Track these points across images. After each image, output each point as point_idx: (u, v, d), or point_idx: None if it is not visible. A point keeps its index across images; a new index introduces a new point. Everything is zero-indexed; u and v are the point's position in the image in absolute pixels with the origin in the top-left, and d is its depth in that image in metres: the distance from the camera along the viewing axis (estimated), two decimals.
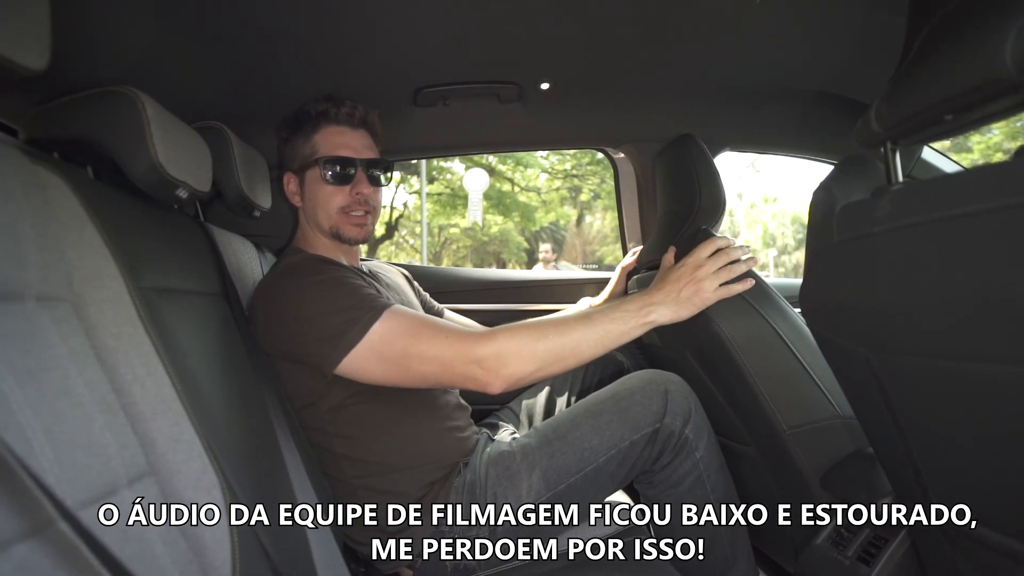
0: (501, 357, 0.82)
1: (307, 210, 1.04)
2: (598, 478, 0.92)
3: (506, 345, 0.82)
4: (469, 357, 0.82)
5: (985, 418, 0.55)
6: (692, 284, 0.88)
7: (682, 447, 0.93)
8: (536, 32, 1.03)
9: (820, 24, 1.01)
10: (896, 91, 0.58)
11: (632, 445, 0.91)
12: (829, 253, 0.66)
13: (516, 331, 0.84)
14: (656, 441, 0.93)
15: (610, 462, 0.91)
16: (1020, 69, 0.44)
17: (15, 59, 0.50)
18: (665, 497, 0.95)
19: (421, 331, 0.84)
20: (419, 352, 0.83)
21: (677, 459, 0.93)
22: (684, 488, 0.94)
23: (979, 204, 0.46)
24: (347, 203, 1.01)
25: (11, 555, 0.38)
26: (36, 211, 0.55)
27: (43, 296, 0.54)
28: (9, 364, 0.45)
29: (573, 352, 0.84)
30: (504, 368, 0.82)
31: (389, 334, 0.84)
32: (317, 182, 1.01)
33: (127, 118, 0.71)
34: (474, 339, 0.83)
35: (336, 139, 1.01)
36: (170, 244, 0.80)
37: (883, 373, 0.64)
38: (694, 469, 0.93)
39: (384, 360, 0.84)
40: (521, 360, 0.82)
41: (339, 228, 1.02)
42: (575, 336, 0.84)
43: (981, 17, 0.48)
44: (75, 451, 0.48)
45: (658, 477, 0.95)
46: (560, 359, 0.84)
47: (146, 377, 0.61)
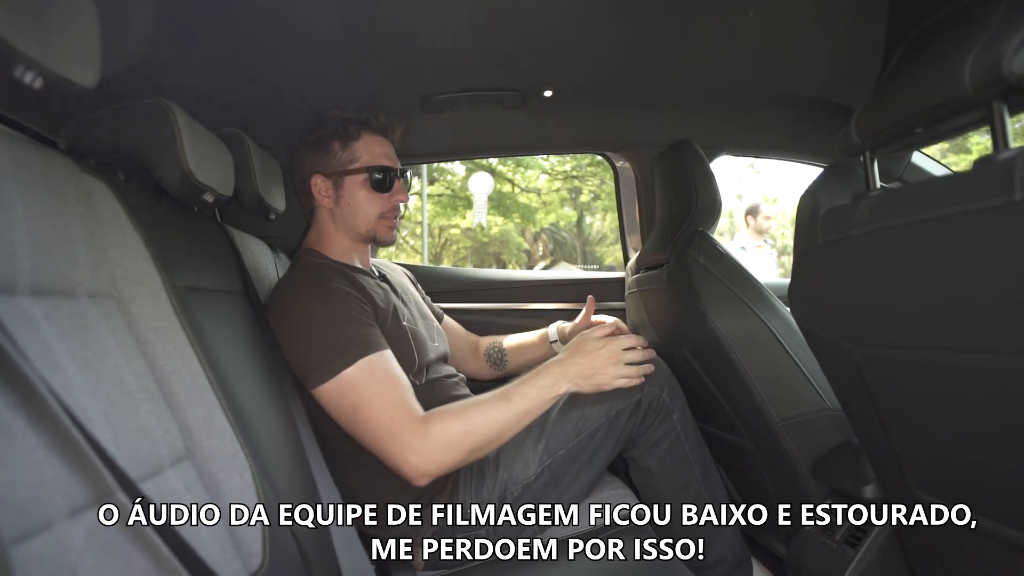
0: (430, 456, 0.88)
1: (342, 213, 1.09)
2: (590, 443, 1.02)
3: (437, 443, 0.89)
4: (402, 449, 0.88)
5: (956, 407, 0.60)
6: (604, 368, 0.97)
7: (660, 410, 1.05)
8: (539, 42, 1.08)
9: (809, 33, 1.06)
10: (873, 105, 0.63)
11: (619, 414, 1.02)
12: (814, 253, 0.71)
13: (448, 426, 0.90)
14: (640, 410, 1.03)
15: (601, 428, 1.02)
16: (977, 89, 0.49)
17: (71, 77, 0.55)
18: (648, 456, 1.06)
19: (376, 398, 0.90)
20: (366, 418, 0.90)
21: (656, 421, 1.05)
22: (665, 447, 1.05)
23: (945, 209, 0.51)
24: (385, 209, 1.09)
25: (84, 519, 0.43)
26: (85, 215, 0.60)
27: (93, 293, 0.59)
28: (71, 353, 0.50)
29: (496, 440, 0.93)
30: (430, 467, 0.89)
31: (354, 385, 0.90)
32: (359, 188, 1.08)
33: (160, 128, 0.76)
34: (412, 431, 0.88)
35: (377, 149, 1.09)
36: (197, 245, 0.85)
37: (865, 366, 0.70)
38: (672, 430, 1.05)
39: (341, 406, 0.91)
40: (448, 456, 0.89)
41: (376, 232, 1.10)
42: (499, 426, 0.92)
43: (946, 41, 0.54)
44: (127, 433, 0.53)
45: (642, 440, 1.06)
46: (483, 448, 0.92)
47: (182, 368, 0.66)
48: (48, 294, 0.51)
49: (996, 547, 0.63)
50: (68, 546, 0.41)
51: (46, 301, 0.51)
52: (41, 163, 0.55)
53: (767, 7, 0.96)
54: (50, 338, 0.49)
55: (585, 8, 0.96)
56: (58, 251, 0.54)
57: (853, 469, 0.93)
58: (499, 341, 1.37)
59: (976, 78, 0.49)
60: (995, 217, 0.46)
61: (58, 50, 0.53)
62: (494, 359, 1.36)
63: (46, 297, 0.51)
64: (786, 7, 0.98)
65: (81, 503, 0.44)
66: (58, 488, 0.42)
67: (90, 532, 0.43)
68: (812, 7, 0.98)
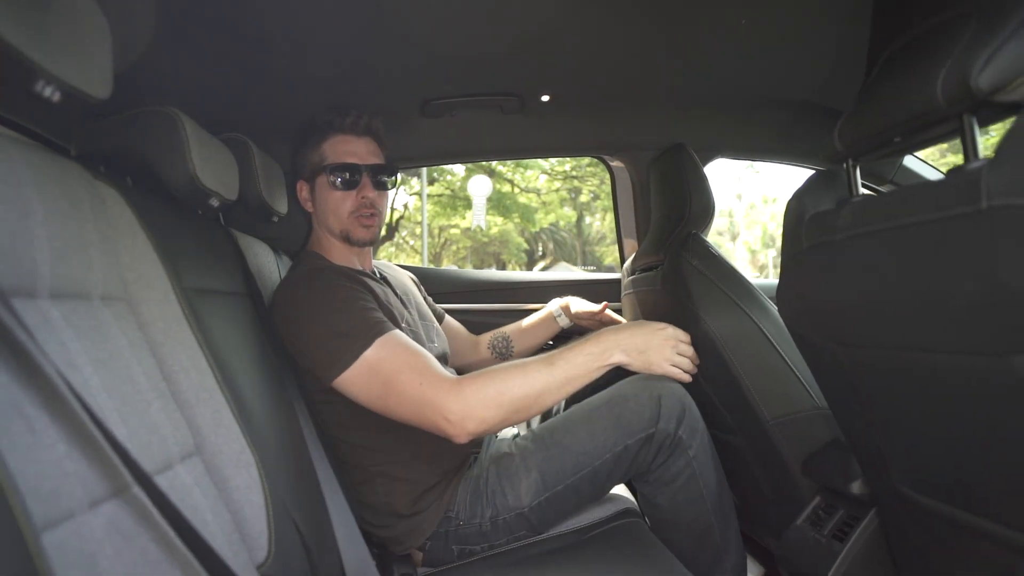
0: (467, 411, 0.86)
1: (319, 215, 1.12)
2: (595, 480, 0.98)
3: (473, 398, 0.87)
4: (438, 410, 0.87)
5: (932, 405, 0.62)
6: (660, 348, 0.96)
7: (675, 447, 0.98)
8: (537, 48, 1.11)
9: (800, 39, 1.09)
10: (855, 114, 0.65)
11: (626, 449, 0.97)
12: (800, 257, 0.74)
13: (483, 384, 0.88)
14: (651, 445, 0.97)
15: (605, 465, 0.97)
16: (949, 103, 0.52)
17: (86, 90, 0.57)
18: (659, 493, 1.01)
19: (403, 369, 0.89)
20: (398, 390, 0.89)
21: (671, 459, 0.98)
22: (678, 485, 0.99)
23: (919, 216, 0.54)
24: (355, 207, 1.08)
25: (102, 511, 0.46)
26: (98, 220, 0.63)
27: (105, 295, 0.61)
28: (87, 353, 0.53)
29: (537, 402, 0.89)
30: (469, 423, 0.86)
31: (378, 363, 0.89)
32: (326, 188, 1.09)
33: (169, 135, 0.79)
34: (445, 390, 0.87)
35: (342, 147, 1.09)
36: (203, 248, 0.87)
37: (849, 366, 0.72)
38: (687, 467, 0.99)
39: (369, 387, 0.90)
40: (487, 412, 0.87)
41: (349, 231, 1.09)
42: (538, 387, 0.89)
43: (922, 55, 0.56)
44: (140, 430, 0.56)
45: (653, 476, 1.00)
46: (524, 409, 0.89)
47: (191, 368, 0.68)
48: (65, 297, 0.54)
49: (973, 540, 0.66)
50: (89, 536, 0.44)
51: (64, 303, 0.53)
52: (57, 171, 0.58)
53: (760, 14, 0.99)
54: (68, 339, 0.51)
55: (582, 15, 0.99)
56: (74, 255, 0.56)
57: (841, 466, 0.96)
58: (502, 330, 1.40)
59: (948, 92, 0.52)
60: (963, 225, 0.49)
61: (75, 65, 0.56)
62: (499, 349, 1.38)
63: (64, 300, 0.54)
64: (779, 13, 1.00)
65: (100, 495, 0.46)
66: (79, 481, 0.45)
67: (109, 523, 0.46)
68: (805, 13, 1.00)
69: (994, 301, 0.48)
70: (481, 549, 1.00)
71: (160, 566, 0.50)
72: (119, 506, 0.48)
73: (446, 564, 1.00)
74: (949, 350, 0.55)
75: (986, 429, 0.56)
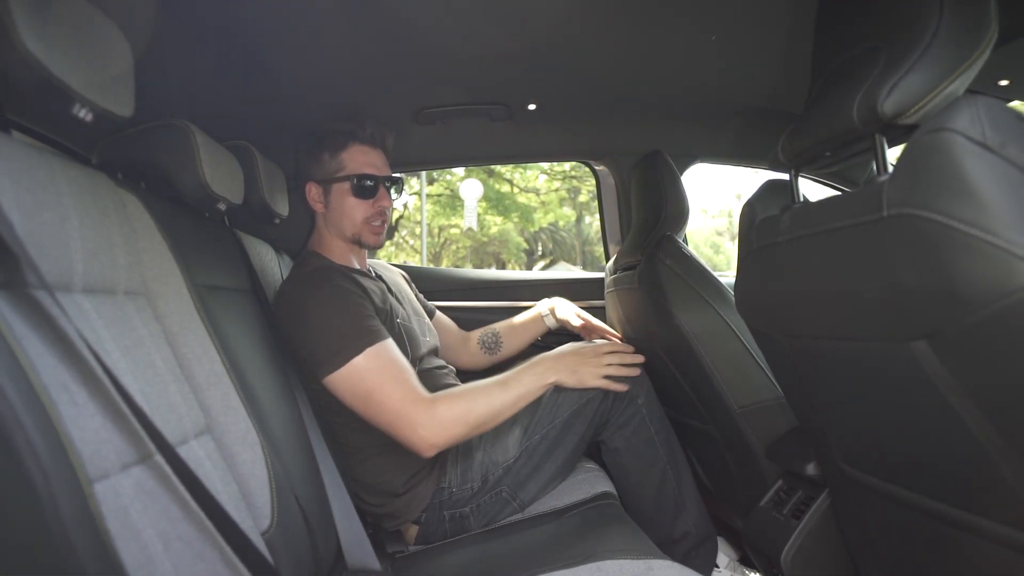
0: (438, 427, 0.97)
1: (331, 217, 1.19)
2: (565, 427, 1.13)
3: (445, 416, 0.98)
4: (412, 424, 0.97)
5: (860, 387, 0.70)
6: (585, 366, 1.11)
7: (626, 395, 1.16)
8: (524, 61, 1.19)
9: (763, 51, 1.17)
10: (795, 130, 0.73)
11: (589, 401, 1.13)
12: (751, 258, 0.82)
13: (453, 403, 1.00)
14: (608, 396, 1.14)
15: (573, 416, 1.13)
16: (863, 124, 0.60)
17: (111, 109, 0.65)
18: (617, 436, 1.17)
19: (387, 381, 0.99)
20: (378, 400, 0.98)
21: (626, 407, 1.16)
22: (631, 428, 1.16)
23: (838, 222, 0.62)
24: (370, 215, 1.18)
25: (131, 473, 0.54)
26: (122, 224, 0.71)
27: (128, 291, 0.69)
28: (115, 341, 0.61)
29: (495, 419, 1.03)
30: (438, 438, 0.98)
31: (365, 371, 0.99)
32: (345, 195, 1.17)
33: (181, 146, 0.87)
34: (423, 407, 0.98)
35: (362, 158, 1.18)
36: (212, 247, 0.95)
37: (793, 355, 0.80)
38: (637, 413, 1.17)
39: (354, 392, 0.99)
40: (456, 428, 0.99)
41: (361, 236, 1.19)
42: (497, 405, 1.02)
43: (846, 80, 0.64)
44: (160, 408, 0.64)
45: (611, 423, 1.17)
46: (484, 425, 1.02)
47: (202, 356, 0.77)
48: (96, 291, 0.62)
49: (907, 513, 0.74)
50: (121, 492, 0.52)
51: (95, 297, 0.61)
52: (88, 181, 0.66)
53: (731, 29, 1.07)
54: (99, 328, 0.59)
55: (566, 32, 1.06)
56: (103, 255, 0.64)
57: (799, 451, 1.04)
58: (492, 327, 1.47)
59: (861, 115, 0.60)
60: (869, 231, 0.57)
61: (104, 89, 0.64)
62: (488, 344, 1.45)
63: (94, 294, 0.62)
64: (748, 30, 1.08)
65: (129, 460, 0.54)
66: (112, 448, 0.53)
67: (136, 483, 0.54)
68: (772, 29, 1.08)
69: (893, 296, 0.56)
70: (471, 510, 1.09)
71: (179, 523, 0.58)
72: (144, 470, 0.56)
73: (437, 532, 1.09)
74: (864, 338, 0.63)
75: (896, 407, 0.64)
